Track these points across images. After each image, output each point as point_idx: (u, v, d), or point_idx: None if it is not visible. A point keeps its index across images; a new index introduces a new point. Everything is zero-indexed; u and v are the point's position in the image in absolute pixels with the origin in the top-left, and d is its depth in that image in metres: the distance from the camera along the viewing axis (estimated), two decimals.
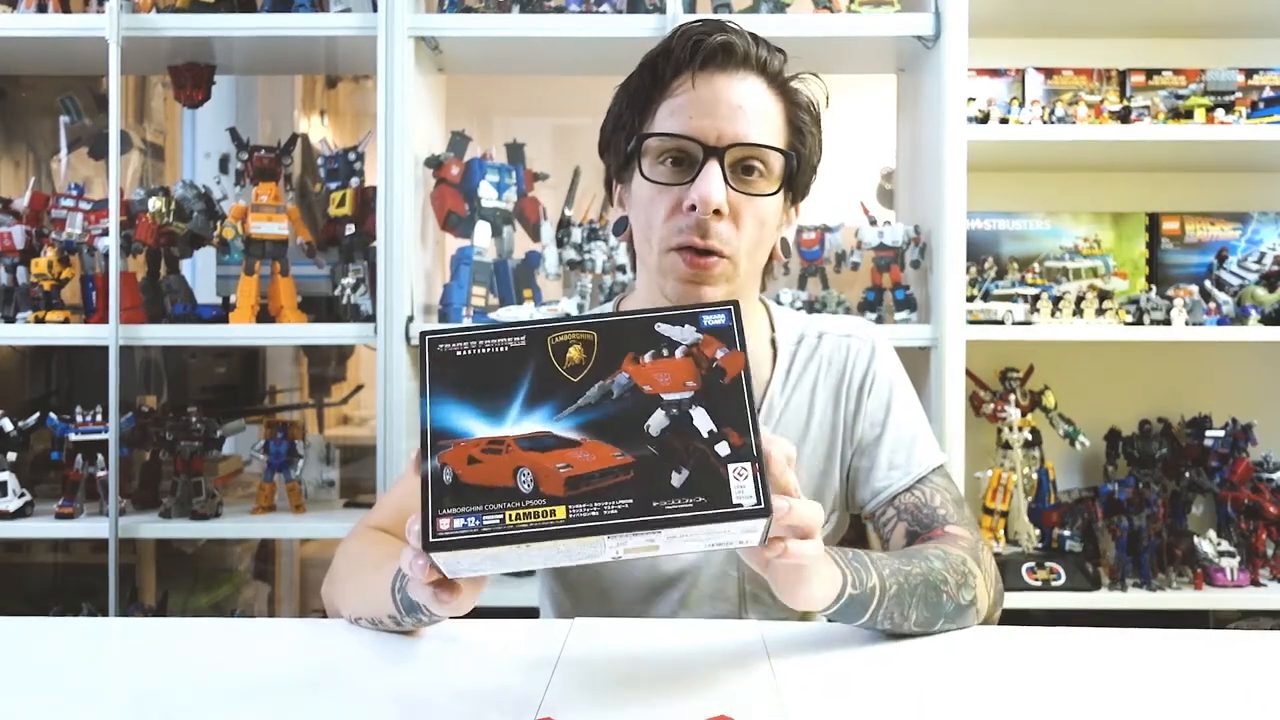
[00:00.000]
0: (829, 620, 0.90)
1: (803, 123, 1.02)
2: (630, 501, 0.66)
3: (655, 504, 0.66)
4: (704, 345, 0.70)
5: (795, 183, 1.04)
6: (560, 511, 0.66)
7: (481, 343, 0.71)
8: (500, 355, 0.70)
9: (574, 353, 0.70)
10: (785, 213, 1.06)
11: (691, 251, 0.97)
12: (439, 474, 0.68)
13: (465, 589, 0.74)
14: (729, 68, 0.98)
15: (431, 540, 0.66)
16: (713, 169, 0.95)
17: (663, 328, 0.71)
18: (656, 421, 0.68)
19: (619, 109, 1.03)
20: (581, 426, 0.69)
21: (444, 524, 0.66)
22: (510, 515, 0.66)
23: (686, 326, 0.71)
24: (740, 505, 0.66)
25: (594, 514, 0.66)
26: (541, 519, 0.66)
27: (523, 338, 0.71)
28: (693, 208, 0.95)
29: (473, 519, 0.66)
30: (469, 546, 0.66)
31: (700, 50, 0.96)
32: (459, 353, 0.71)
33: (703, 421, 0.68)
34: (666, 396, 0.69)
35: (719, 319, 0.71)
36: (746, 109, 0.97)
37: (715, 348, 0.70)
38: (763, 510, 0.66)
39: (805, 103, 1.02)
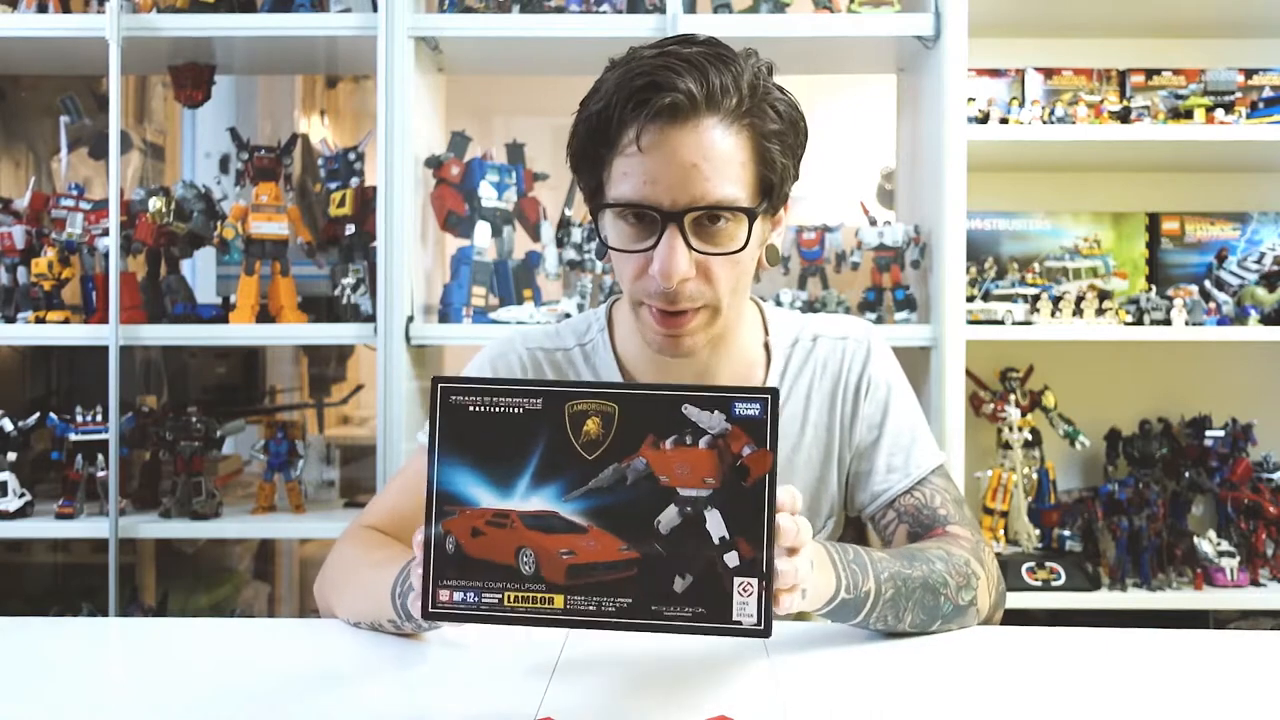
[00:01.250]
0: (822, 619, 0.90)
1: (771, 152, 0.92)
2: (629, 601, 0.65)
3: (654, 608, 0.65)
4: (731, 438, 0.65)
5: (772, 200, 0.96)
6: (559, 600, 0.66)
7: (496, 400, 0.67)
8: (515, 418, 0.67)
9: (591, 426, 0.66)
10: (767, 225, 1.00)
11: (661, 310, 0.94)
12: (442, 541, 0.67)
13: None
14: (678, 120, 0.88)
15: (430, 610, 0.67)
16: (673, 239, 0.89)
17: (690, 410, 0.66)
18: (668, 519, 0.66)
19: (578, 144, 0.95)
20: (590, 511, 0.66)
21: (444, 595, 0.67)
22: (509, 596, 0.66)
23: (716, 413, 0.66)
24: (739, 623, 0.64)
25: (591, 608, 0.65)
26: (539, 605, 0.66)
27: (539, 400, 0.67)
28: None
29: (472, 594, 0.67)
30: (466, 621, 0.67)
31: (644, 110, 0.87)
32: (471, 408, 0.67)
33: (715, 526, 0.65)
34: (682, 491, 0.65)
35: (753, 409, 0.66)
36: (701, 165, 0.88)
37: (743, 443, 0.65)
38: (762, 631, 0.65)
39: (774, 130, 0.92)
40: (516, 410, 0.67)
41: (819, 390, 1.10)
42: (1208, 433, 2.09)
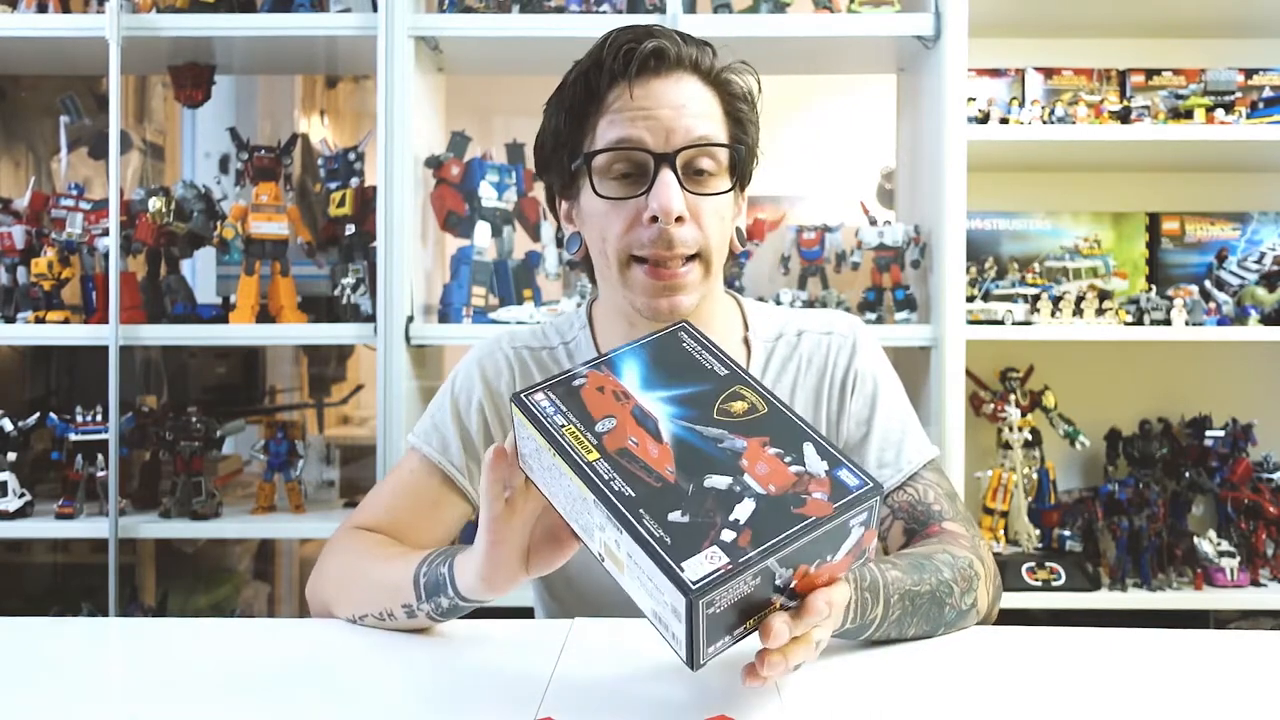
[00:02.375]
0: None
1: (741, 112, 1.00)
2: (633, 495, 0.68)
3: (640, 512, 0.67)
4: (815, 481, 0.69)
5: (742, 172, 1.02)
6: (593, 455, 0.70)
7: (718, 357, 0.78)
8: (699, 363, 0.77)
9: (738, 406, 0.74)
10: (736, 204, 1.04)
11: (655, 264, 0.96)
12: (571, 379, 0.76)
13: (510, 548, 0.78)
14: (662, 71, 0.95)
15: (519, 395, 0.75)
16: (667, 176, 0.93)
17: (807, 448, 0.71)
18: (717, 480, 0.69)
19: (556, 125, 1.00)
20: (678, 441, 0.71)
21: (539, 395, 0.75)
22: (569, 431, 0.72)
23: (823, 463, 0.70)
24: (682, 570, 0.63)
25: (605, 478, 0.69)
26: (580, 447, 0.71)
27: (724, 368, 0.77)
28: (654, 219, 0.94)
29: (553, 410, 0.73)
30: (530, 420, 0.73)
31: (633, 59, 0.94)
32: (694, 353, 0.79)
33: (742, 509, 0.67)
34: (747, 476, 0.69)
35: (851, 479, 0.69)
36: (689, 107, 0.95)
37: (820, 489, 0.68)
38: (692, 590, 0.62)
39: (741, 92, 1.00)
40: (706, 365, 0.77)
41: (804, 385, 1.09)
42: (1208, 433, 2.09)
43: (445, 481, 1.09)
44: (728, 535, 0.65)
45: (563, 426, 0.72)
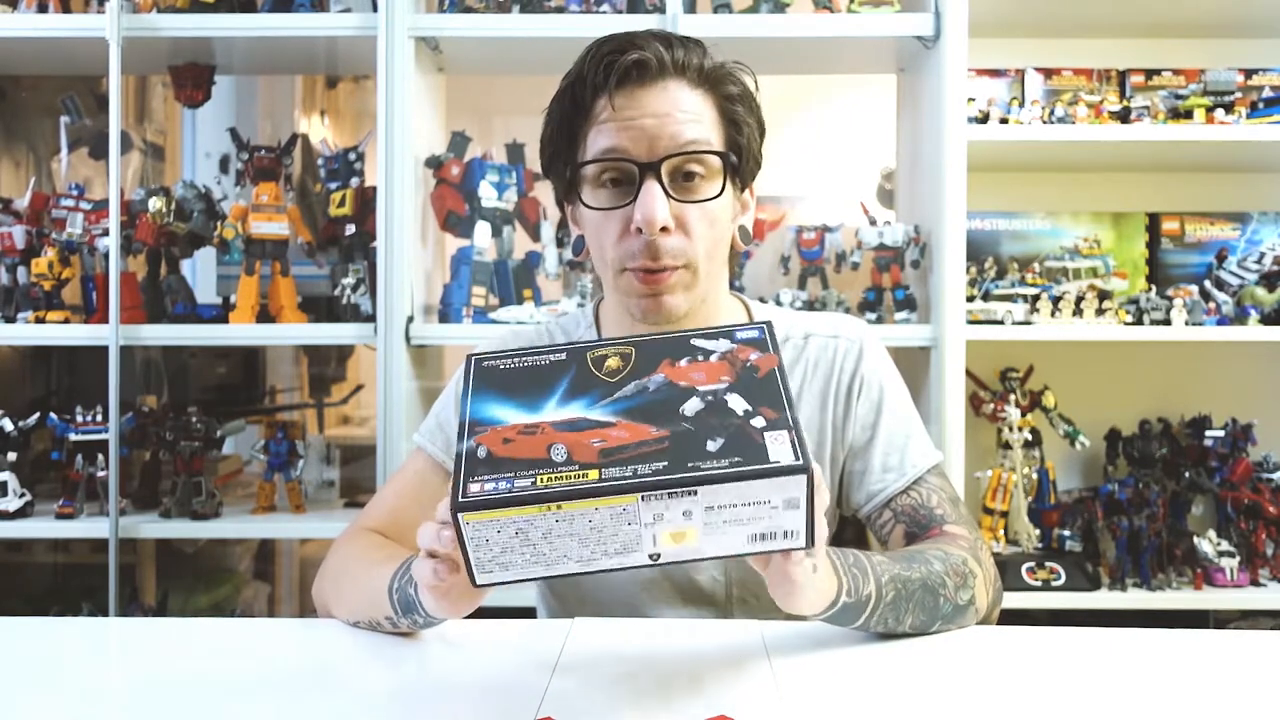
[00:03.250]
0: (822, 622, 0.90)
1: (736, 113, 0.99)
2: (665, 463, 0.65)
3: (691, 464, 0.65)
4: (738, 351, 0.72)
5: (740, 173, 1.01)
6: (593, 474, 0.65)
7: (523, 359, 0.74)
8: (541, 368, 0.73)
9: (613, 362, 0.73)
10: (738, 201, 1.04)
11: (645, 271, 0.96)
12: (473, 451, 0.68)
13: (464, 587, 0.72)
14: (646, 81, 0.95)
15: (461, 500, 0.64)
16: (651, 187, 0.93)
17: (698, 341, 0.74)
18: (691, 405, 0.69)
19: (552, 133, 1.00)
20: (617, 412, 0.69)
21: (474, 488, 0.65)
22: (542, 479, 0.65)
23: (721, 340, 0.73)
24: (778, 461, 0.64)
25: (628, 475, 0.64)
26: (574, 479, 0.64)
27: (564, 354, 0.74)
28: (640, 230, 0.93)
29: (504, 482, 0.65)
30: (499, 507, 0.64)
31: (613, 71, 0.94)
32: (502, 367, 0.74)
33: (738, 403, 0.69)
34: (701, 388, 0.70)
35: (752, 333, 0.74)
36: (673, 114, 0.94)
37: (749, 353, 0.72)
38: (801, 466, 0.64)
39: (737, 93, 0.99)
40: (543, 362, 0.74)
41: (810, 389, 1.09)
42: (1208, 433, 2.09)
43: (449, 480, 1.09)
44: (758, 422, 0.68)
45: (532, 485, 0.64)
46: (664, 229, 0.94)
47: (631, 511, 0.64)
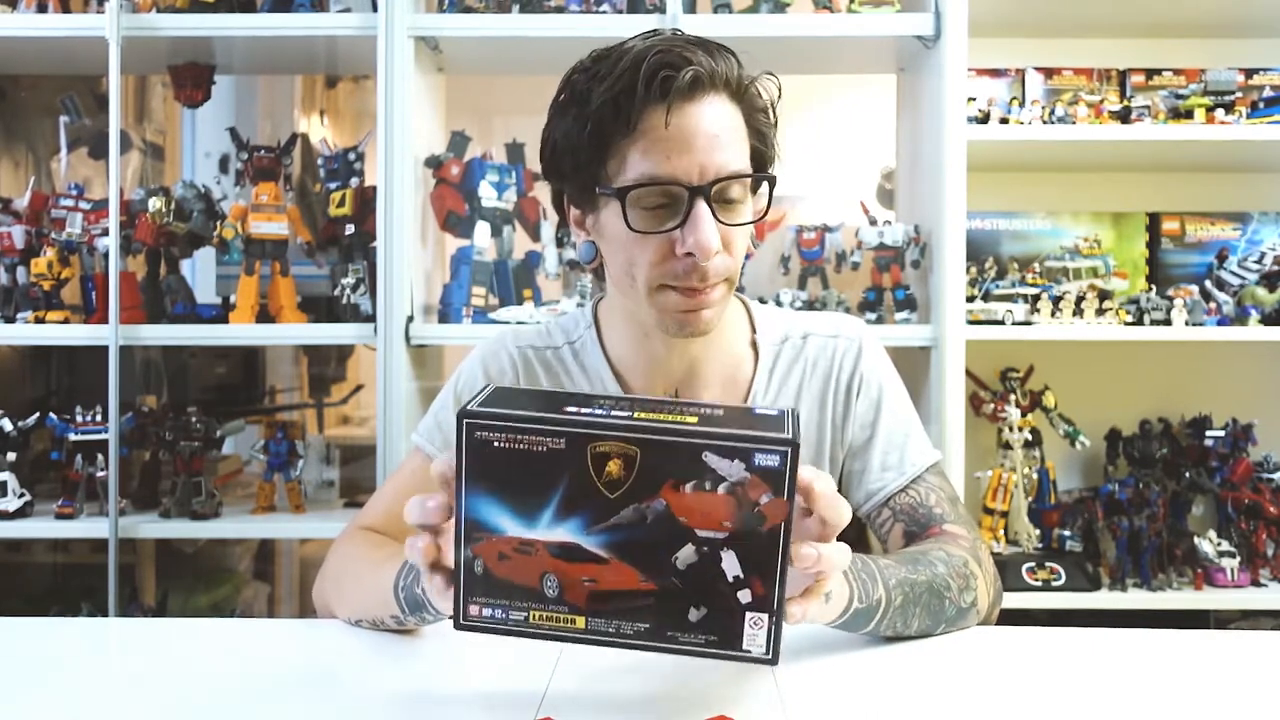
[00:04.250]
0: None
1: (761, 123, 0.98)
2: (646, 626, 0.69)
3: (669, 634, 0.69)
4: (750, 487, 0.66)
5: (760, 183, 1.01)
6: (580, 622, 0.69)
7: (519, 438, 0.68)
8: (538, 455, 0.68)
9: (614, 467, 0.68)
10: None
11: (689, 289, 0.94)
12: (471, 564, 0.70)
13: None
14: (696, 96, 0.92)
15: (463, 622, 0.71)
16: (702, 210, 0.91)
17: (710, 458, 0.67)
18: (685, 555, 0.68)
19: (575, 142, 0.94)
20: (611, 545, 0.68)
21: (474, 610, 0.71)
22: (534, 615, 0.70)
23: (736, 462, 0.66)
24: (749, 652, 0.68)
25: (610, 630, 0.69)
26: (562, 624, 0.70)
27: (562, 441, 0.67)
28: (688, 254, 0.92)
29: (500, 611, 0.71)
30: (494, 633, 0.71)
31: (671, 89, 0.90)
32: (495, 444, 0.68)
33: (730, 565, 0.68)
34: (700, 532, 0.67)
35: (772, 460, 0.66)
36: (720, 136, 0.92)
37: (761, 492, 0.66)
38: (770, 660, 0.68)
39: (763, 105, 0.98)
40: (540, 449, 0.68)
41: (809, 389, 1.10)
42: (1208, 433, 2.09)
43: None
44: (744, 596, 0.68)
45: (525, 620, 0.70)
46: (716, 253, 0.93)
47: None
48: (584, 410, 0.68)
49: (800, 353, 1.11)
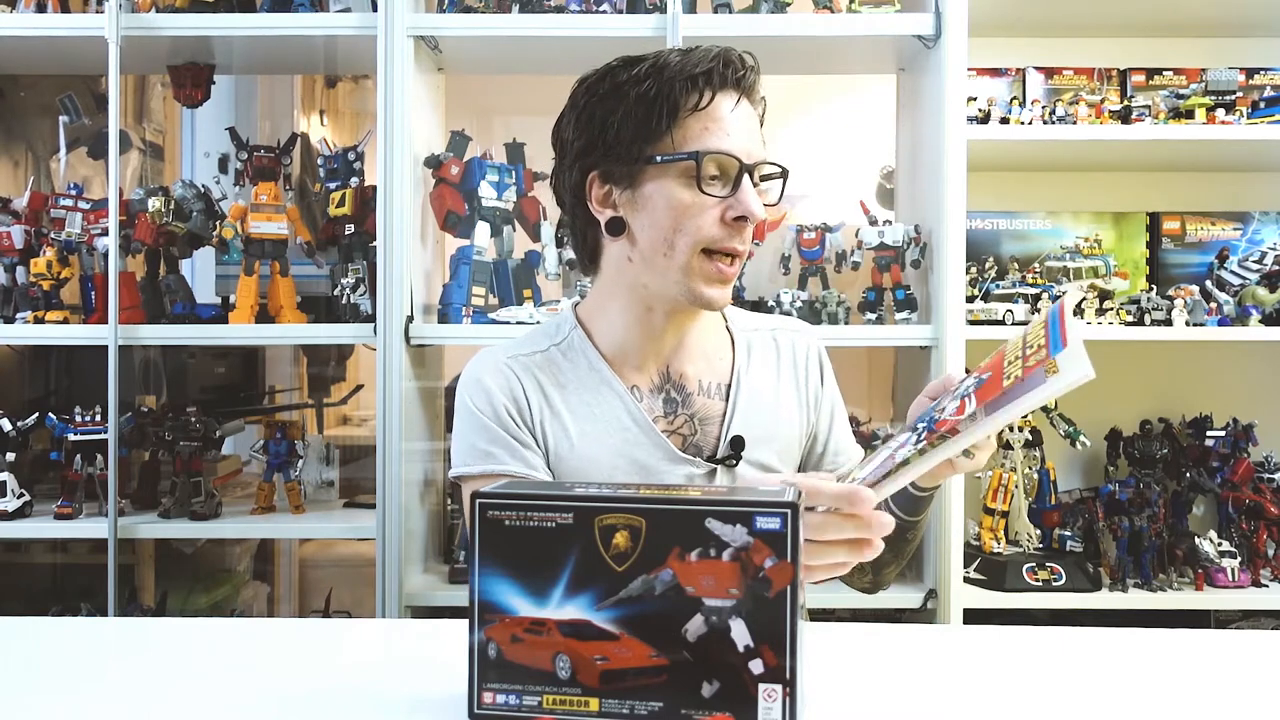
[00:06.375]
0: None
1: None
2: (660, 705, 0.69)
3: (683, 712, 0.69)
4: (753, 551, 0.68)
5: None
6: (594, 704, 0.70)
7: (530, 515, 0.72)
8: (548, 531, 0.71)
9: (620, 539, 0.70)
10: None
11: (722, 256, 1.07)
12: (484, 648, 0.72)
13: None
14: (749, 93, 1.09)
15: (477, 711, 0.73)
16: (750, 183, 1.06)
17: (714, 525, 0.69)
18: (695, 627, 0.69)
19: (636, 115, 1.05)
20: (621, 620, 0.70)
21: (488, 698, 0.73)
22: (547, 699, 0.71)
23: (738, 526, 0.68)
24: None
25: (624, 711, 0.70)
26: (576, 708, 0.71)
27: (570, 515, 0.71)
28: (739, 218, 1.05)
29: (514, 697, 0.72)
30: (497, 712, 0.72)
31: (742, 81, 1.07)
32: (507, 523, 0.72)
33: (740, 634, 0.68)
34: (708, 601, 0.69)
35: (774, 523, 0.68)
36: (757, 131, 1.09)
37: (764, 556, 0.68)
38: None
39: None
40: (549, 525, 0.71)
41: (783, 373, 1.22)
42: (1209, 433, 2.08)
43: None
44: (756, 667, 0.68)
45: (538, 706, 0.71)
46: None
47: None
48: (590, 488, 0.73)
49: (772, 342, 1.23)
